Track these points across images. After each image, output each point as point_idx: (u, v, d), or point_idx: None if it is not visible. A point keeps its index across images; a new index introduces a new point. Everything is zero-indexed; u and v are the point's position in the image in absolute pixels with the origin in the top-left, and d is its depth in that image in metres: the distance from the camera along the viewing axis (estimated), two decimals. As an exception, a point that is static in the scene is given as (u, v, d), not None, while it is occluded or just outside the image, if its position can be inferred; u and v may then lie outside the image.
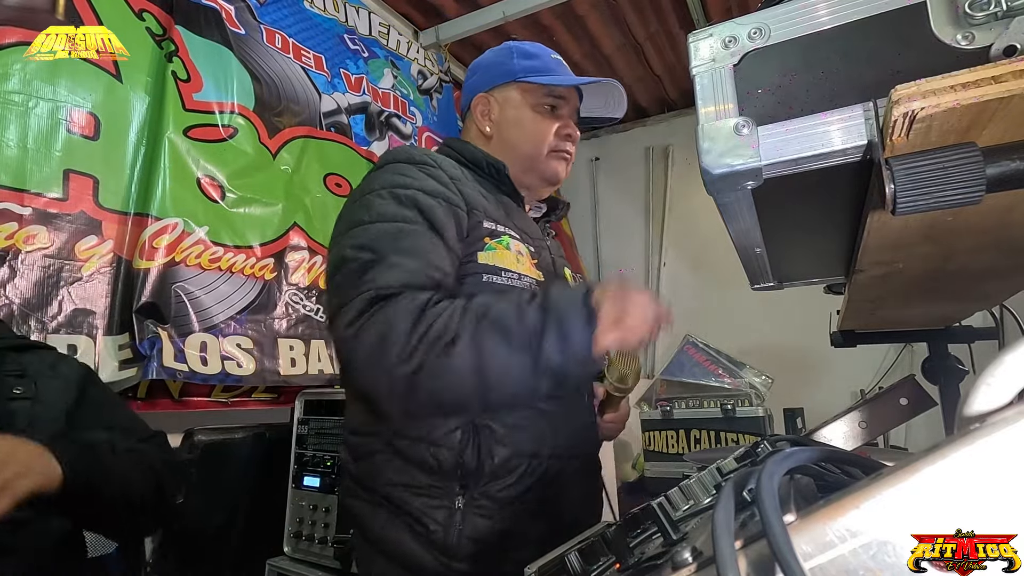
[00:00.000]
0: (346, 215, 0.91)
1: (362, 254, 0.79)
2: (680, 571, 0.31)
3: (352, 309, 0.74)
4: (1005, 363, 0.28)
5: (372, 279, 0.75)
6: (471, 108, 1.06)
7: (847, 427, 0.98)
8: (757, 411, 2.11)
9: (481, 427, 0.83)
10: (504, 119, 1.03)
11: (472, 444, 0.82)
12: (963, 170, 0.36)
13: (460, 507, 0.81)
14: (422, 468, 0.82)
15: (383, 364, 0.71)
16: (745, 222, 0.59)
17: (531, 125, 1.02)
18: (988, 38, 0.40)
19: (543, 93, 1.02)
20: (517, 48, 1.06)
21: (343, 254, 0.81)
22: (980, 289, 0.82)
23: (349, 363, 0.76)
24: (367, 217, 0.84)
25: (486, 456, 0.82)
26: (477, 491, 0.82)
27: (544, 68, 1.03)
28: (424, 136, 2.76)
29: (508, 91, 1.03)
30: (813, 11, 0.45)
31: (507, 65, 1.04)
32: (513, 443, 0.84)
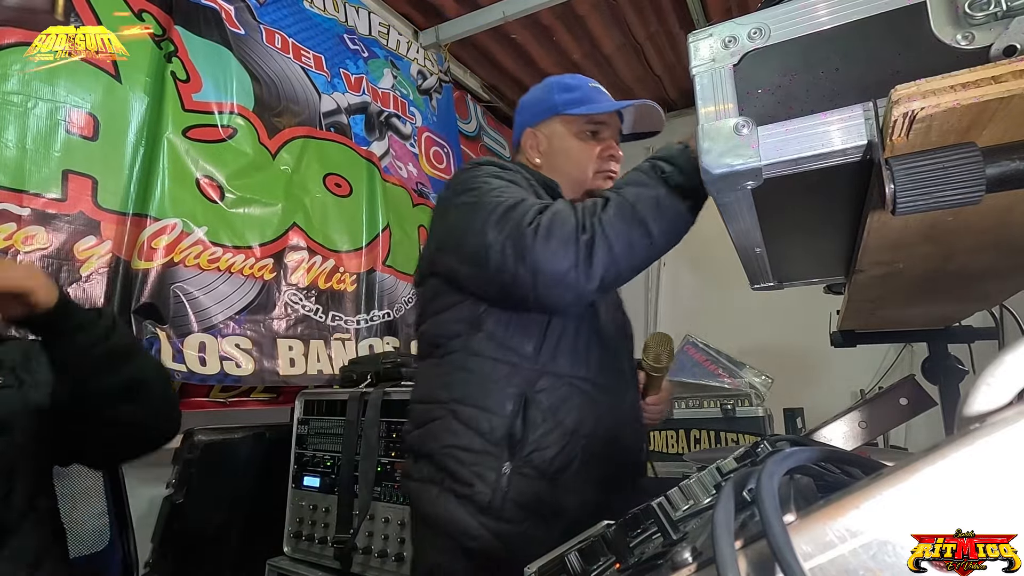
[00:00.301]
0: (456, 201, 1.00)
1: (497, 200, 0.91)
2: (680, 571, 0.31)
3: (495, 215, 0.88)
4: (1005, 363, 0.28)
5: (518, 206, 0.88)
6: (521, 144, 1.18)
7: (847, 427, 0.98)
8: (757, 411, 2.10)
9: (530, 400, 0.93)
10: (551, 149, 1.13)
11: (521, 415, 0.92)
12: (963, 170, 0.36)
13: (507, 472, 0.90)
14: (478, 432, 0.92)
15: (565, 243, 0.83)
16: (745, 222, 0.59)
17: (576, 152, 1.12)
18: (988, 38, 0.40)
19: (584, 121, 1.11)
20: (557, 83, 1.17)
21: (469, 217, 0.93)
22: (980, 289, 0.82)
23: (533, 264, 0.84)
24: (480, 185, 0.96)
25: (531, 427, 0.92)
26: (522, 459, 0.91)
27: (583, 98, 1.12)
28: (423, 136, 2.76)
29: (552, 124, 1.14)
30: (813, 11, 0.45)
31: (549, 100, 1.15)
32: (556, 419, 0.93)
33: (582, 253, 0.83)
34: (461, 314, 0.98)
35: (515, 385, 0.94)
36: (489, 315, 0.96)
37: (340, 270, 2.13)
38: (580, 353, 0.99)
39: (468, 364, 0.96)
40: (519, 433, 0.91)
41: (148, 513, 1.60)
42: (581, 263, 0.83)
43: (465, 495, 0.90)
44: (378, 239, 2.30)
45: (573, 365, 0.97)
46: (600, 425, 0.97)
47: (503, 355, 0.95)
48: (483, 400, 0.93)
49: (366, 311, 2.19)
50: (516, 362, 0.95)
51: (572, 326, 0.99)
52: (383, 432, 1.44)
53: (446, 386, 0.97)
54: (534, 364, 0.95)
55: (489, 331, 0.96)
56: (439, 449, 0.94)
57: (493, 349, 0.95)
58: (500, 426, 0.91)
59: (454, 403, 0.95)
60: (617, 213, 0.84)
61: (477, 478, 0.90)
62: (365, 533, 1.39)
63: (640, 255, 0.85)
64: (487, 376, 0.95)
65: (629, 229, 0.83)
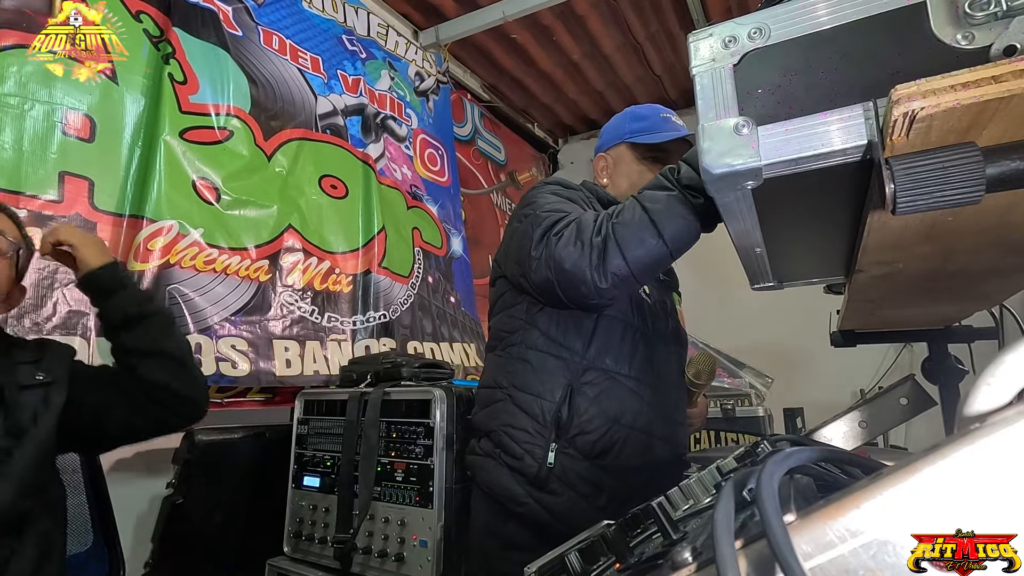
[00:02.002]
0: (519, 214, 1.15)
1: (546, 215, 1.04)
2: (680, 571, 0.31)
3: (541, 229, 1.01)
4: (1005, 363, 0.28)
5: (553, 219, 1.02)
6: (594, 166, 1.33)
7: (847, 427, 0.99)
8: (757, 411, 2.10)
9: (577, 389, 1.06)
10: (617, 172, 1.28)
11: (568, 402, 1.06)
12: (963, 170, 0.36)
13: (553, 450, 1.04)
14: (530, 415, 1.06)
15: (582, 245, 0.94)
16: (745, 222, 0.59)
17: (637, 175, 1.24)
18: (988, 38, 0.40)
19: (647, 149, 1.24)
20: (631, 113, 1.30)
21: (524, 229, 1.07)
22: (980, 289, 0.82)
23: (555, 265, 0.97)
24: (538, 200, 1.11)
25: (576, 413, 1.05)
26: (567, 440, 1.04)
27: (650, 127, 1.24)
28: (419, 139, 2.76)
29: (620, 149, 1.28)
30: (813, 11, 0.45)
31: (620, 128, 1.29)
32: (599, 406, 1.06)
33: (595, 254, 0.93)
34: (520, 312, 1.13)
35: (564, 376, 1.07)
36: (544, 314, 1.10)
37: (336, 271, 2.13)
38: (625, 353, 1.10)
39: (526, 356, 1.10)
40: (565, 417, 1.05)
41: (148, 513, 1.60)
42: (595, 263, 0.93)
43: (516, 467, 1.05)
44: (374, 241, 2.29)
45: (617, 363, 1.09)
46: (640, 418, 1.09)
47: (555, 350, 1.08)
48: (536, 387, 1.07)
49: (362, 312, 2.19)
50: (566, 357, 1.08)
51: (619, 329, 1.11)
52: (383, 432, 1.44)
53: (507, 374, 1.12)
54: (582, 359, 1.08)
55: (544, 329, 1.10)
56: (498, 427, 1.09)
57: (547, 344, 1.09)
58: (549, 410, 1.05)
59: (512, 389, 1.10)
60: (630, 216, 0.92)
61: (527, 454, 1.04)
62: (365, 533, 1.39)
63: (651, 255, 0.92)
64: (541, 367, 1.08)
65: (640, 230, 0.91)
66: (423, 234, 2.62)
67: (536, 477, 1.03)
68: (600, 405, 1.06)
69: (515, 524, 1.05)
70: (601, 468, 1.05)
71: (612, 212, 0.96)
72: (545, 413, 1.05)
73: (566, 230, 0.98)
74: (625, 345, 1.10)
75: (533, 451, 1.04)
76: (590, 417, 1.05)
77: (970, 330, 1.09)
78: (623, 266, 0.92)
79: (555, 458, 1.03)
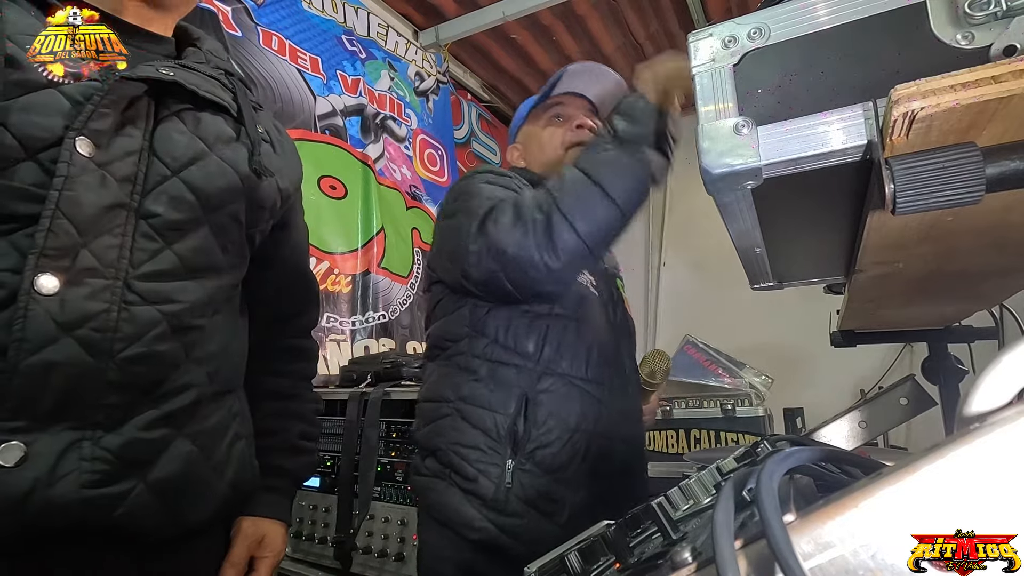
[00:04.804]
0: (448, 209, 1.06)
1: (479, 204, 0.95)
2: (680, 571, 0.31)
3: (477, 220, 0.91)
4: (1005, 363, 0.28)
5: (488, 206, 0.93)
6: (508, 158, 1.28)
7: (847, 427, 0.99)
8: (757, 411, 2.10)
9: (532, 399, 0.97)
10: (529, 150, 1.22)
11: (523, 414, 0.96)
12: (963, 170, 0.36)
13: (510, 468, 0.94)
14: (482, 430, 0.96)
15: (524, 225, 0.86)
16: (745, 222, 0.59)
17: (547, 139, 1.18)
18: (988, 38, 0.40)
19: (542, 112, 1.20)
20: (530, 100, 1.26)
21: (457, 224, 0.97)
22: (980, 289, 0.82)
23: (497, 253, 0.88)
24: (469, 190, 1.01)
25: (533, 425, 0.96)
26: (524, 455, 0.94)
27: (541, 94, 1.20)
28: (418, 139, 2.76)
29: (524, 130, 1.24)
30: (813, 11, 0.45)
31: (520, 113, 1.26)
32: (558, 417, 0.97)
33: (540, 233, 0.85)
34: (464, 318, 1.03)
35: (518, 385, 0.97)
36: (491, 319, 1.00)
37: (335, 272, 2.13)
38: (580, 354, 1.02)
39: (473, 366, 1.00)
40: (521, 431, 0.95)
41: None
42: (542, 243, 0.84)
43: (470, 489, 0.94)
44: (373, 241, 2.30)
45: (574, 365, 1.01)
46: (601, 423, 1.01)
47: (506, 357, 0.99)
48: (488, 400, 0.97)
49: (361, 312, 2.20)
50: (519, 364, 0.98)
51: (572, 328, 1.02)
52: (383, 432, 1.44)
53: (453, 386, 1.00)
54: (536, 365, 0.98)
55: (492, 335, 1.00)
56: (446, 446, 0.97)
57: (497, 352, 0.99)
58: (503, 424, 0.95)
59: (460, 402, 0.99)
60: (571, 185, 0.85)
61: (481, 474, 0.93)
62: (365, 533, 1.39)
63: (602, 220, 0.84)
64: (491, 377, 0.98)
65: (585, 196, 0.84)
66: (422, 234, 2.63)
67: (493, 499, 0.92)
68: (558, 414, 0.97)
69: (471, 550, 0.94)
70: (562, 482, 0.96)
71: (550, 185, 0.87)
72: (499, 428, 0.95)
73: (504, 215, 0.88)
74: (580, 345, 1.02)
75: (488, 471, 0.93)
76: (548, 428, 0.96)
77: (970, 330, 1.09)
78: (574, 239, 0.83)
79: (513, 477, 0.93)
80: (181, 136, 0.69)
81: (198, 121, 0.71)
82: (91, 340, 0.60)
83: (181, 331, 0.68)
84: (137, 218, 0.65)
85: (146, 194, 0.66)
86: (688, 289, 3.41)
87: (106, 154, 0.63)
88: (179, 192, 0.68)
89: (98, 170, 0.62)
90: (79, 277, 0.60)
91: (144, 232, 0.65)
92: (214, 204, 0.71)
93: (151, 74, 0.66)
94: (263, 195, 0.79)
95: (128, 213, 0.64)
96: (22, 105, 0.58)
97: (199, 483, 0.70)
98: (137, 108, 0.66)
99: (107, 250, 0.62)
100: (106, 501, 0.61)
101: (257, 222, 0.80)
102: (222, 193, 0.72)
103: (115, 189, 0.63)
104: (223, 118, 0.74)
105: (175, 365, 0.67)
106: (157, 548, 0.68)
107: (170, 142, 0.68)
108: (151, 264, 0.66)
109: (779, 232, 0.64)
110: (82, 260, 0.61)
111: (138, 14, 0.72)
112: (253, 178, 0.76)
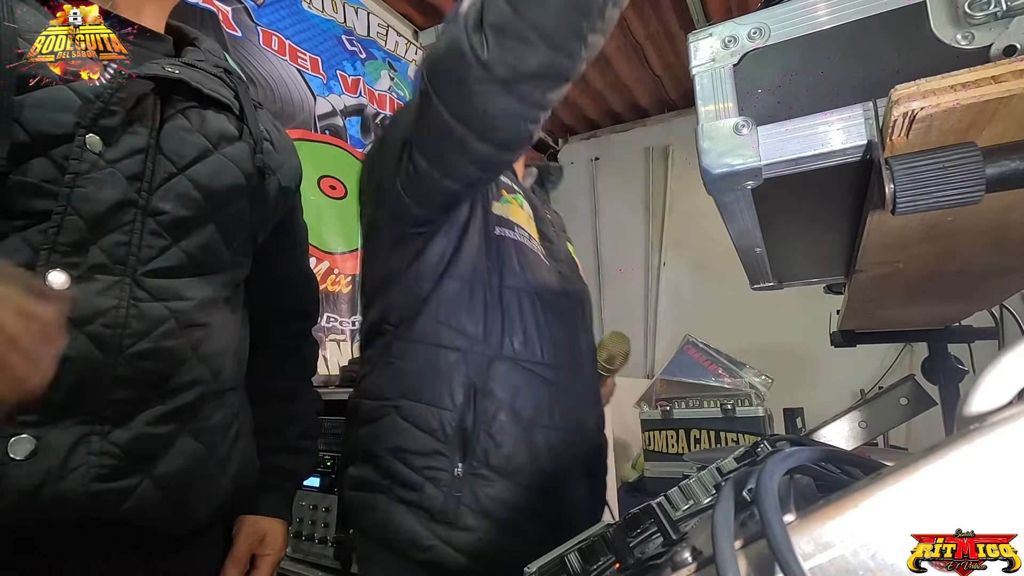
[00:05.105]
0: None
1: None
2: (680, 571, 0.31)
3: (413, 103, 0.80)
4: (1005, 363, 0.28)
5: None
6: None
7: (847, 427, 0.99)
8: (757, 411, 2.11)
9: (482, 390, 0.85)
10: None
11: (472, 407, 0.84)
12: (963, 170, 0.36)
13: (459, 475, 0.82)
14: (425, 430, 0.83)
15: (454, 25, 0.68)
16: (745, 222, 0.59)
17: None
18: (988, 38, 0.40)
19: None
20: None
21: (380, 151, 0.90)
22: (980, 289, 0.82)
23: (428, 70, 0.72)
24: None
25: (483, 421, 0.84)
26: (476, 459, 0.83)
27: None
28: (422, 137, 2.76)
29: None
30: (813, 11, 0.45)
31: None
32: (511, 408, 0.86)
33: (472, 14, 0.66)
34: (402, 296, 0.90)
35: (464, 374, 0.85)
36: (432, 296, 0.88)
37: (335, 272, 2.13)
38: (532, 334, 0.90)
39: (411, 353, 0.87)
40: (471, 427, 0.83)
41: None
42: (472, 21, 0.66)
43: (414, 501, 0.82)
44: (374, 241, 2.30)
45: (527, 348, 0.89)
46: (560, 412, 0.91)
47: (448, 338, 0.86)
48: (429, 393, 0.85)
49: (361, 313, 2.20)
50: (463, 347, 0.86)
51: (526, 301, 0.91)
52: (383, 432, 1.44)
53: (390, 380, 0.88)
54: (484, 348, 0.87)
55: (432, 313, 0.88)
56: (384, 451, 0.85)
57: (437, 333, 0.87)
58: (450, 421, 0.83)
59: (399, 398, 0.86)
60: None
61: (428, 481, 0.82)
62: (365, 533, 1.39)
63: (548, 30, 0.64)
64: (432, 365, 0.86)
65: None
66: (423, 234, 2.62)
67: (442, 511, 0.80)
68: (513, 407, 0.86)
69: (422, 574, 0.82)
70: (521, 485, 0.84)
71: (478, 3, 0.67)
72: (445, 425, 0.83)
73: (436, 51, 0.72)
74: (532, 324, 0.90)
75: (435, 477, 0.81)
76: (502, 424, 0.84)
77: (970, 330, 1.09)
78: (505, 9, 0.63)
79: (464, 483, 0.81)
80: (187, 134, 0.70)
81: (203, 119, 0.72)
82: (101, 336, 0.61)
83: (188, 328, 0.68)
84: (145, 215, 0.65)
85: (154, 191, 0.66)
86: (688, 289, 3.41)
87: (115, 151, 0.63)
88: (186, 190, 0.68)
89: (108, 167, 0.63)
90: (89, 273, 0.61)
91: (152, 229, 0.66)
92: (220, 201, 0.72)
93: (158, 72, 0.67)
94: (266, 193, 0.79)
95: (136, 210, 0.65)
96: (35, 101, 0.59)
97: (203, 479, 0.71)
98: (144, 106, 0.67)
99: (116, 247, 0.63)
100: (114, 495, 0.62)
101: (260, 220, 0.81)
102: (227, 191, 0.73)
103: (124, 186, 0.64)
104: (226, 116, 0.75)
105: (181, 362, 0.68)
106: (162, 546, 0.69)
107: (176, 140, 0.69)
108: (159, 261, 0.66)
109: (779, 232, 0.64)
110: (92, 256, 0.61)
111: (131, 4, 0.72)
112: (256, 176, 0.77)
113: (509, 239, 0.93)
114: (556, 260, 1.02)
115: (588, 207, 3.82)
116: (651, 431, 2.31)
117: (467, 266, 0.90)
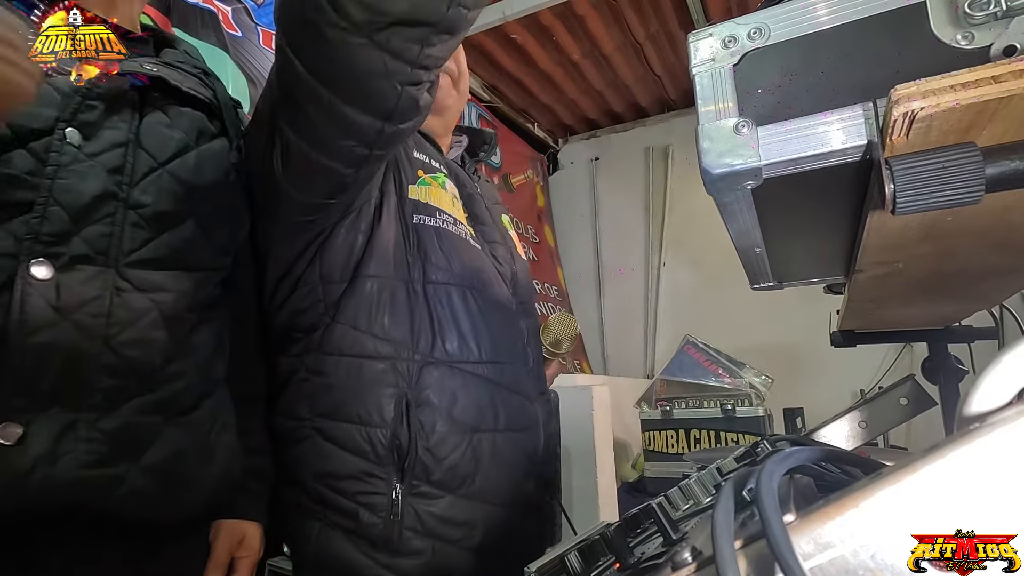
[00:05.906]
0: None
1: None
2: (680, 571, 0.31)
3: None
4: (1005, 363, 0.28)
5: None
6: None
7: (847, 427, 0.99)
8: (757, 411, 2.11)
9: (415, 401, 0.76)
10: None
11: (405, 420, 0.75)
12: (963, 170, 0.36)
13: (398, 496, 0.74)
14: (355, 452, 0.75)
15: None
16: (745, 222, 0.59)
17: None
18: (988, 38, 0.40)
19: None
20: None
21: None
22: (980, 289, 0.82)
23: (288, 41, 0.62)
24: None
25: (419, 432, 0.75)
26: (416, 477, 0.75)
27: None
28: (423, 136, 2.76)
29: None
30: (813, 11, 0.45)
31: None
32: (450, 417, 0.77)
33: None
34: (312, 299, 0.80)
35: (393, 385, 0.76)
36: (347, 297, 0.79)
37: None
38: (466, 331, 0.81)
39: (327, 366, 0.78)
40: (406, 443, 0.75)
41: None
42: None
43: (351, 529, 0.75)
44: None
45: (462, 347, 0.80)
46: (505, 412, 0.83)
47: (372, 348, 0.77)
48: (355, 410, 0.76)
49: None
50: (389, 354, 0.77)
51: (457, 297, 0.82)
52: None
53: (307, 398, 0.79)
54: (413, 353, 0.77)
55: (349, 319, 0.78)
56: (310, 478, 0.77)
57: (357, 342, 0.77)
58: (381, 439, 0.75)
59: (319, 419, 0.78)
60: None
61: (363, 507, 0.74)
62: (365, 533, 1.38)
63: None
64: (355, 379, 0.77)
65: None
66: (423, 234, 2.62)
67: (384, 538, 0.73)
68: (451, 415, 0.77)
69: None
70: (467, 497, 0.77)
71: None
72: (376, 444, 0.74)
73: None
74: (466, 316, 0.81)
75: (371, 503, 0.74)
76: (441, 436, 0.76)
77: (970, 330, 1.09)
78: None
79: (404, 505, 0.73)
80: (166, 129, 0.71)
81: (181, 115, 0.74)
82: (87, 324, 0.62)
83: (172, 320, 0.70)
84: (127, 208, 0.67)
85: (135, 185, 0.68)
86: (688, 289, 3.41)
87: (95, 145, 0.65)
88: (166, 184, 0.70)
89: (87, 160, 0.64)
90: (72, 263, 0.62)
91: (134, 222, 0.67)
92: (200, 197, 0.73)
93: (136, 69, 0.69)
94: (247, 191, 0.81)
95: (118, 203, 0.66)
96: None
97: (190, 469, 0.71)
98: (123, 102, 0.68)
99: (99, 238, 0.64)
100: (103, 481, 0.62)
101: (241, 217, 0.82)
102: (207, 187, 0.74)
103: (105, 179, 0.65)
104: (204, 114, 0.77)
105: (167, 352, 0.69)
106: (152, 546, 0.69)
107: (156, 135, 0.70)
108: (142, 253, 0.68)
109: (779, 232, 0.64)
110: (75, 247, 0.63)
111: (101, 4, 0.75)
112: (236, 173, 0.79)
113: (430, 227, 0.83)
114: (489, 242, 0.93)
115: (588, 207, 3.82)
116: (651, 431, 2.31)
117: (383, 262, 0.80)
